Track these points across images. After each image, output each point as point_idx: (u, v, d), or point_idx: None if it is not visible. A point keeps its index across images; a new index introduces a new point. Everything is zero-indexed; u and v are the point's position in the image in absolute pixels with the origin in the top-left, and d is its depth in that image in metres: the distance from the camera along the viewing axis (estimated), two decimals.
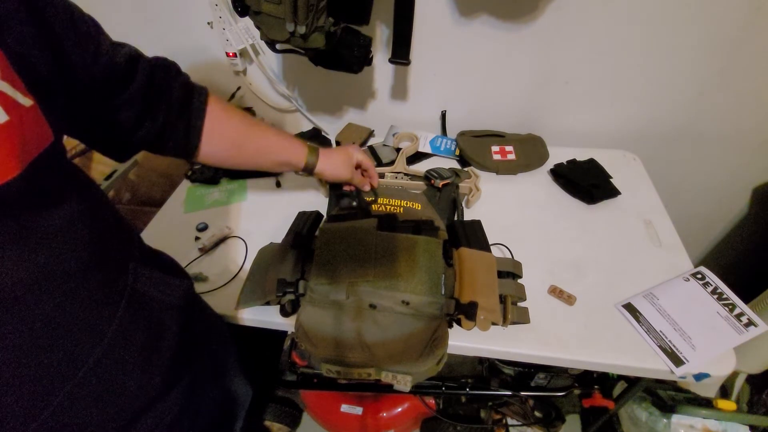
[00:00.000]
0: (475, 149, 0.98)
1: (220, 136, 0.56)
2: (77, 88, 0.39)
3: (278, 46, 0.81)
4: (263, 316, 0.71)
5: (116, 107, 0.45)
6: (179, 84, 0.53)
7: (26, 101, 0.30)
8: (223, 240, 0.84)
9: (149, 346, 0.41)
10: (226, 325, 0.68)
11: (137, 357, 0.40)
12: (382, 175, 0.95)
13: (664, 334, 0.64)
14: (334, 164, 0.71)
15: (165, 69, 0.52)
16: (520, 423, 1.06)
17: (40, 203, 0.32)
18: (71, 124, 0.42)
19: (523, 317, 0.67)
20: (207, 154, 0.56)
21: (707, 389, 1.03)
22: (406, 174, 0.94)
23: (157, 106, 0.49)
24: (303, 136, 1.07)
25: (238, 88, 1.10)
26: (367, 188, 0.82)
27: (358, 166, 0.78)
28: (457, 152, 1.01)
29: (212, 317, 0.62)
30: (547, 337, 0.66)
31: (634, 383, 0.85)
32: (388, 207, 0.79)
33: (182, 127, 0.52)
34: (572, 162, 0.96)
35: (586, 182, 0.89)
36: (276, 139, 0.64)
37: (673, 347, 0.62)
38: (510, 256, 0.77)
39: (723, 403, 0.93)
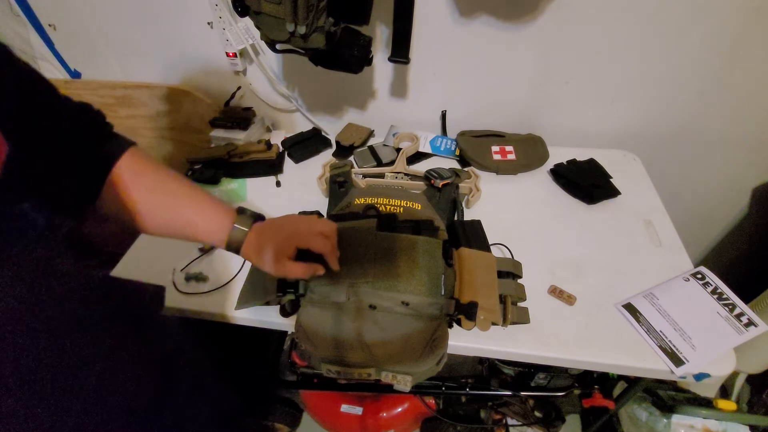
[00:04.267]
0: (475, 149, 0.98)
1: (118, 205, 0.49)
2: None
3: (278, 46, 0.81)
4: (263, 316, 0.71)
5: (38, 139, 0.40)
6: (94, 134, 0.48)
7: None
8: None
9: (143, 352, 0.41)
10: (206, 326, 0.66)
11: (134, 365, 0.39)
12: (382, 175, 0.95)
13: (664, 334, 0.64)
14: (263, 255, 0.54)
15: (84, 114, 0.48)
16: (520, 423, 1.06)
17: (30, 196, 0.32)
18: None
19: (523, 317, 0.67)
20: (106, 211, 0.50)
21: (707, 389, 1.03)
22: (406, 174, 0.94)
23: (67, 150, 0.45)
24: (303, 135, 1.08)
25: (238, 88, 1.11)
26: (321, 272, 0.58)
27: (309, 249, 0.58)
28: (457, 152, 1.01)
29: (184, 327, 0.61)
30: (547, 337, 0.66)
31: (634, 383, 0.85)
32: (388, 207, 0.79)
33: (82, 179, 0.47)
34: (572, 162, 0.96)
35: (586, 182, 0.89)
36: (192, 214, 0.53)
37: (673, 347, 0.62)
38: (510, 256, 0.77)
39: (723, 403, 0.93)
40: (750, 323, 0.64)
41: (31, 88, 0.41)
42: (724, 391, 1.09)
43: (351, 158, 1.02)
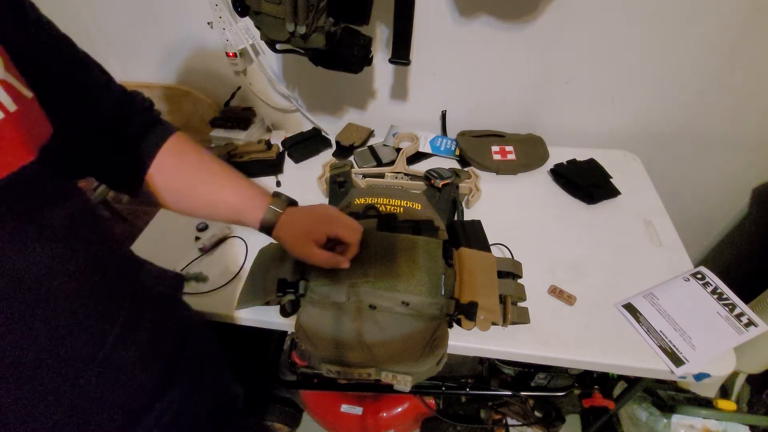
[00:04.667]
0: (475, 149, 0.98)
1: (163, 185, 0.52)
2: (65, 85, 0.41)
3: (278, 46, 0.81)
4: (263, 316, 0.71)
5: (82, 123, 0.44)
6: (140, 120, 0.51)
7: (28, 93, 0.32)
8: (223, 240, 0.84)
9: (153, 339, 0.41)
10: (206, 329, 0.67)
11: (142, 351, 0.40)
12: (382, 175, 0.95)
13: (664, 334, 0.64)
14: (294, 235, 0.57)
15: (130, 100, 0.51)
16: (520, 423, 1.06)
17: (53, 193, 0.33)
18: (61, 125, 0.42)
19: (523, 317, 0.67)
20: (152, 196, 0.53)
21: (707, 389, 1.03)
22: (406, 174, 0.94)
23: (111, 136, 0.48)
24: (303, 135, 1.08)
25: (238, 88, 1.11)
26: (345, 264, 0.61)
27: (332, 239, 0.60)
28: (457, 152, 1.01)
29: (196, 314, 0.62)
30: (547, 337, 0.66)
31: (634, 383, 0.85)
32: (388, 207, 0.79)
33: (127, 164, 0.50)
34: (572, 162, 0.96)
35: (586, 182, 0.89)
36: (229, 195, 0.55)
37: (673, 347, 0.62)
38: (510, 256, 0.77)
39: (723, 403, 0.93)
40: (750, 323, 0.64)
41: (83, 75, 0.44)
42: (724, 391, 1.08)
43: (351, 158, 1.02)
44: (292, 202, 0.59)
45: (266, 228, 0.56)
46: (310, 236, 0.57)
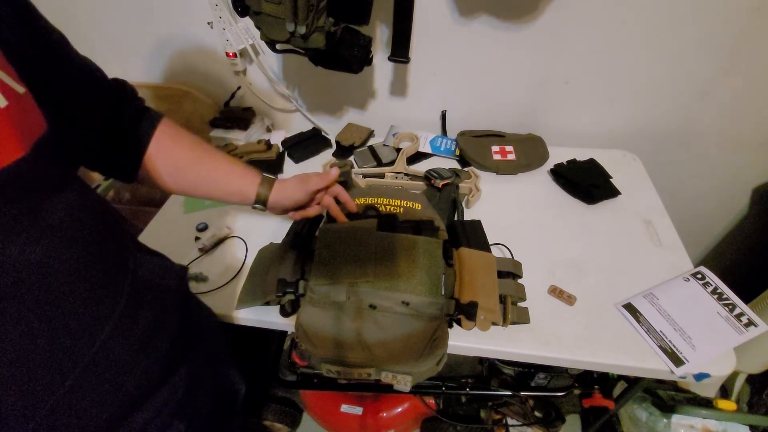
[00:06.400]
0: (475, 149, 0.98)
1: (162, 163, 0.55)
2: (58, 80, 0.41)
3: (278, 46, 0.81)
4: (263, 316, 0.71)
5: (77, 116, 0.45)
6: (133, 107, 0.53)
7: (20, 88, 0.32)
8: (223, 240, 0.84)
9: (150, 332, 0.41)
10: (216, 317, 0.68)
11: (138, 344, 0.40)
12: (382, 175, 0.95)
13: (664, 334, 0.64)
14: (287, 191, 0.64)
15: (122, 90, 0.52)
16: (520, 423, 1.06)
17: (46, 188, 0.33)
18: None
19: (523, 317, 0.67)
20: (147, 179, 0.55)
21: (707, 389, 1.02)
22: (406, 174, 0.94)
23: (107, 124, 0.49)
24: (303, 135, 1.08)
25: (238, 88, 1.11)
26: (348, 206, 0.71)
27: (318, 192, 0.68)
28: (457, 152, 1.01)
29: (204, 308, 0.62)
30: (547, 337, 0.66)
31: (634, 383, 0.85)
32: (388, 207, 0.79)
33: (123, 151, 0.52)
34: (572, 162, 0.96)
35: (586, 182, 0.89)
36: (226, 169, 0.60)
37: (673, 347, 0.62)
38: (510, 256, 0.77)
39: (723, 403, 0.93)
40: (750, 323, 0.64)
41: (76, 66, 0.45)
42: (724, 391, 1.08)
43: (351, 158, 1.02)
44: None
45: (261, 200, 0.62)
46: (303, 185, 0.65)
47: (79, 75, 0.45)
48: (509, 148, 0.98)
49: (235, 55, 1.01)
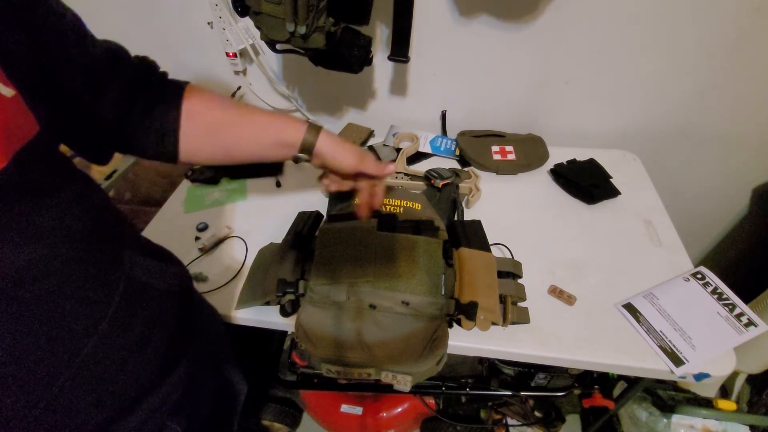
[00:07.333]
0: (475, 149, 0.98)
1: (198, 128, 0.51)
2: (59, 78, 0.39)
3: (278, 46, 0.81)
4: (263, 316, 0.71)
5: (97, 102, 0.43)
6: (157, 81, 0.51)
7: (8, 91, 0.30)
8: (223, 240, 0.84)
9: (145, 333, 0.41)
10: (221, 318, 0.68)
11: (132, 344, 0.40)
12: None
13: (664, 334, 0.64)
14: (339, 145, 0.57)
15: (146, 66, 0.50)
16: (520, 423, 1.06)
17: (33, 195, 0.32)
18: (54, 118, 0.40)
19: (523, 317, 0.67)
20: (189, 152, 0.52)
21: (707, 389, 1.03)
22: (406, 174, 0.94)
23: (134, 104, 0.47)
24: None
25: (238, 88, 1.11)
26: (376, 202, 0.63)
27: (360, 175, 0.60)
28: (457, 152, 1.01)
29: (208, 308, 0.62)
30: (547, 337, 0.66)
31: (634, 383, 0.85)
32: (388, 207, 0.79)
33: (157, 126, 0.49)
34: (572, 162, 0.96)
35: (586, 182, 0.89)
36: (266, 119, 0.55)
37: (673, 347, 0.62)
38: (510, 256, 0.77)
39: (723, 403, 0.93)
40: (750, 323, 0.64)
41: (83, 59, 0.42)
42: (724, 391, 1.08)
43: None
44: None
45: (307, 146, 0.55)
46: (358, 152, 0.57)
47: (86, 64, 0.42)
48: (509, 148, 0.98)
49: (235, 55, 1.01)
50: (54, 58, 0.38)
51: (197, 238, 0.84)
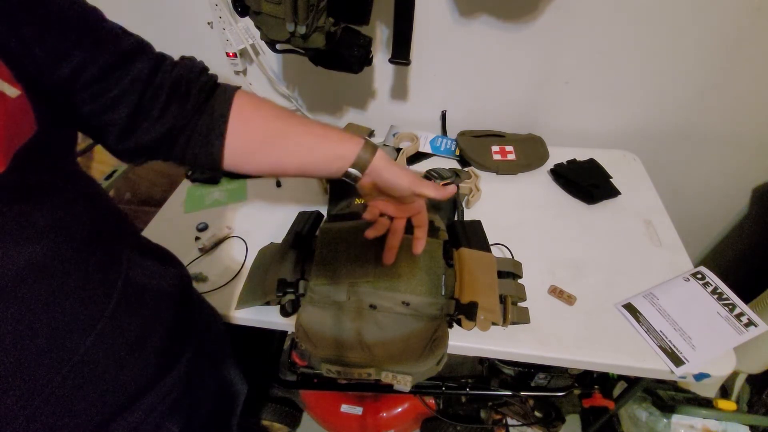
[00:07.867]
0: (475, 149, 0.98)
1: (247, 139, 0.48)
2: (62, 77, 0.36)
3: (278, 46, 0.81)
4: (263, 316, 0.71)
5: (105, 102, 0.40)
6: (199, 85, 0.48)
7: (13, 91, 0.30)
8: (223, 240, 0.84)
9: (142, 333, 0.41)
10: (222, 318, 0.68)
11: (130, 344, 0.40)
12: None
13: (664, 334, 0.64)
14: (395, 167, 0.52)
15: (185, 68, 0.49)
16: (520, 423, 1.06)
17: (33, 195, 0.32)
18: (72, 117, 0.39)
19: (523, 317, 0.67)
20: (235, 163, 0.48)
21: (707, 389, 1.03)
22: None
23: (159, 107, 0.45)
24: None
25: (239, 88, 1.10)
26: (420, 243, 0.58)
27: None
28: (457, 152, 1.01)
29: (207, 308, 0.62)
30: (547, 337, 0.66)
31: (634, 383, 0.85)
32: None
33: (201, 133, 0.47)
34: (572, 162, 0.96)
35: (586, 182, 0.89)
36: (323, 130, 0.51)
37: (673, 347, 0.62)
38: (510, 256, 0.77)
39: (723, 403, 0.93)
40: (750, 323, 0.64)
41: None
42: (724, 391, 1.08)
43: None
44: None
45: (360, 165, 0.50)
46: (414, 179, 0.53)
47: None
48: (509, 148, 0.98)
49: (235, 55, 1.01)
50: (57, 56, 0.35)
51: (197, 238, 0.84)
